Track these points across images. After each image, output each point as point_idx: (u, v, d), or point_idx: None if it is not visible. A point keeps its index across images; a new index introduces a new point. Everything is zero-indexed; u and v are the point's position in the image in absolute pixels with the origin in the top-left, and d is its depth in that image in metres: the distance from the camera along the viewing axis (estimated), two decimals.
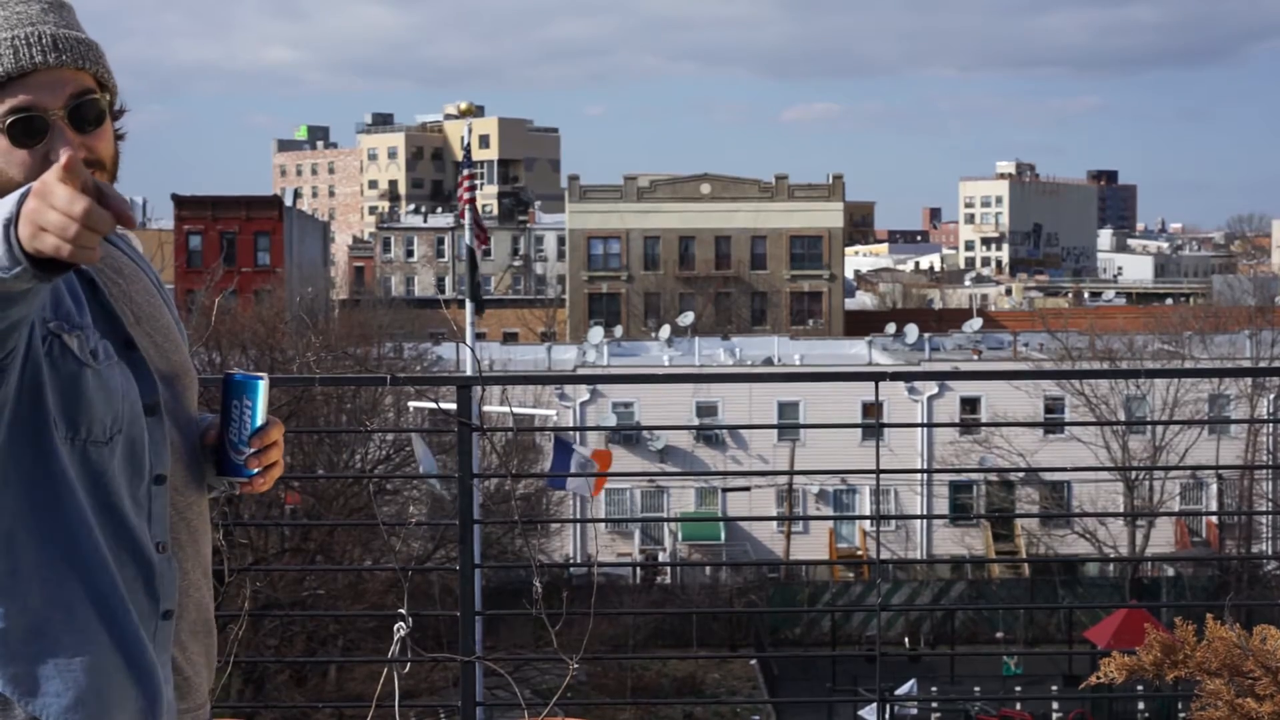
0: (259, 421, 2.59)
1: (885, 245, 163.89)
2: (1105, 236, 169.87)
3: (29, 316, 2.21)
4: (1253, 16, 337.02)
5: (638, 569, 41.25)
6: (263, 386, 2.59)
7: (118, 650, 2.41)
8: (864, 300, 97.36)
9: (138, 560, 2.44)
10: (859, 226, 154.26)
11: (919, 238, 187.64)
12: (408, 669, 5.14)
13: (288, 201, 71.99)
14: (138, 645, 2.43)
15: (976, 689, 31.22)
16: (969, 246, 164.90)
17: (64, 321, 2.36)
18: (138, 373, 2.47)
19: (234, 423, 2.59)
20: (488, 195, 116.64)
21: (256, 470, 2.61)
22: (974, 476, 44.46)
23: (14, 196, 2.04)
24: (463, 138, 18.19)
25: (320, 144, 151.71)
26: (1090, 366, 39.73)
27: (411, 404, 28.79)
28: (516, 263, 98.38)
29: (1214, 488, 45.07)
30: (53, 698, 2.37)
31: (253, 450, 2.59)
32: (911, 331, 54.89)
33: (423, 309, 60.52)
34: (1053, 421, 41.53)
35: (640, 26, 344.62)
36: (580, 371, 49.82)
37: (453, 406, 5.11)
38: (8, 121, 2.34)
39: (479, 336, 49.17)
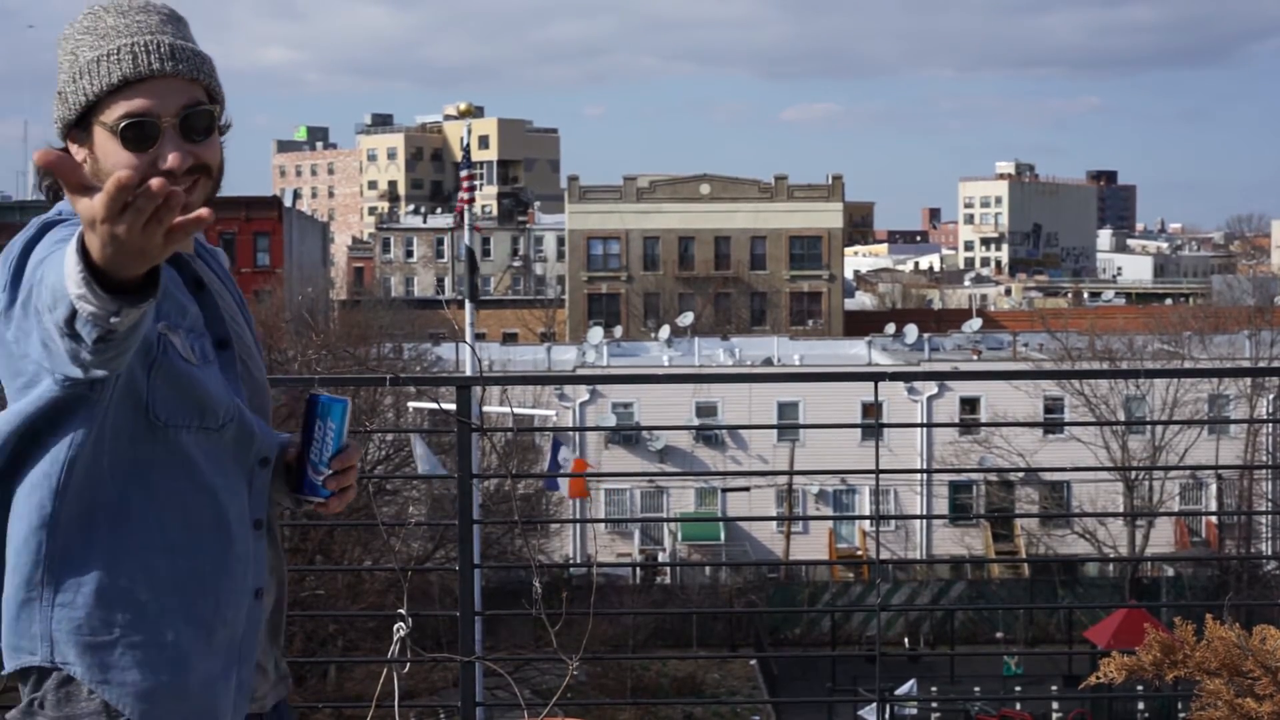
0: (340, 444, 2.65)
1: (885, 245, 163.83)
2: (1105, 236, 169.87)
3: (142, 333, 2.25)
4: (1252, 16, 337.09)
5: (637, 569, 41.22)
6: (345, 410, 2.66)
7: (199, 638, 2.47)
8: (864, 300, 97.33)
9: (236, 540, 2.52)
10: (858, 227, 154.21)
11: (919, 238, 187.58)
12: (407, 669, 5.14)
13: (287, 202, 71.99)
14: (221, 633, 2.51)
15: (976, 689, 31.21)
16: (969, 247, 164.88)
17: (169, 321, 2.42)
18: (230, 370, 2.55)
19: (315, 443, 2.64)
20: (487, 196, 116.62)
21: (333, 491, 2.67)
22: (974, 476, 44.44)
23: (73, 261, 2.07)
24: (462, 138, 18.18)
25: (319, 144, 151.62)
26: (1090, 366, 39.70)
27: (411, 404, 28.79)
28: (516, 263, 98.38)
29: (1214, 488, 45.05)
30: (129, 686, 2.41)
31: (332, 471, 2.65)
32: (911, 332, 54.85)
33: (422, 309, 60.53)
34: (1053, 421, 41.51)
35: (639, 27, 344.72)
36: (580, 372, 49.81)
37: (452, 406, 5.11)
38: (121, 125, 2.40)
39: (479, 337, 49.18)
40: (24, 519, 2.42)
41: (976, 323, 60.79)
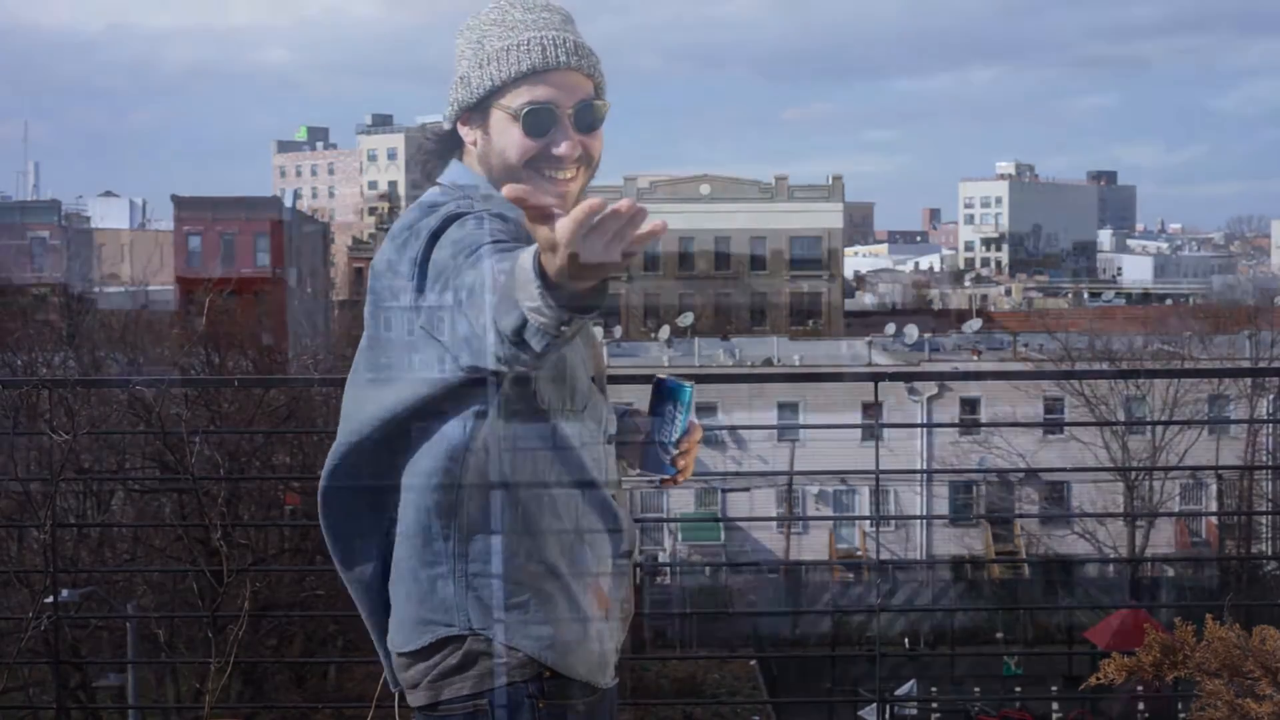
0: (685, 425, 2.85)
1: (885, 246, 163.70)
2: (1105, 237, 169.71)
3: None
4: (1252, 16, 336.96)
5: (638, 569, 41.17)
6: (691, 393, 2.84)
7: (587, 594, 2.70)
8: (864, 300, 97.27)
9: (605, 509, 2.74)
10: (859, 227, 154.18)
11: (919, 238, 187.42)
12: None
13: (287, 202, 71.93)
14: (600, 589, 2.73)
15: (976, 689, 31.21)
16: (969, 247, 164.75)
17: None
18: (586, 335, 2.71)
19: (665, 424, 2.83)
20: None
21: (679, 469, 2.87)
22: (974, 477, 44.40)
23: (529, 276, 2.14)
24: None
25: (320, 145, 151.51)
26: (1090, 366, 39.67)
27: None
28: None
29: (1214, 488, 45.00)
30: (545, 639, 2.64)
31: (679, 451, 2.85)
32: (911, 332, 54.80)
33: None
34: (1053, 422, 41.47)
35: (639, 27, 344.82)
36: None
37: None
38: (524, 111, 2.61)
39: None
40: (426, 496, 2.61)
41: (977, 323, 60.74)
